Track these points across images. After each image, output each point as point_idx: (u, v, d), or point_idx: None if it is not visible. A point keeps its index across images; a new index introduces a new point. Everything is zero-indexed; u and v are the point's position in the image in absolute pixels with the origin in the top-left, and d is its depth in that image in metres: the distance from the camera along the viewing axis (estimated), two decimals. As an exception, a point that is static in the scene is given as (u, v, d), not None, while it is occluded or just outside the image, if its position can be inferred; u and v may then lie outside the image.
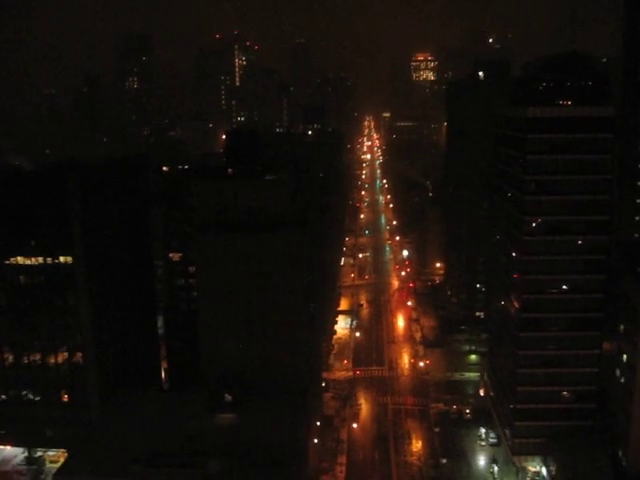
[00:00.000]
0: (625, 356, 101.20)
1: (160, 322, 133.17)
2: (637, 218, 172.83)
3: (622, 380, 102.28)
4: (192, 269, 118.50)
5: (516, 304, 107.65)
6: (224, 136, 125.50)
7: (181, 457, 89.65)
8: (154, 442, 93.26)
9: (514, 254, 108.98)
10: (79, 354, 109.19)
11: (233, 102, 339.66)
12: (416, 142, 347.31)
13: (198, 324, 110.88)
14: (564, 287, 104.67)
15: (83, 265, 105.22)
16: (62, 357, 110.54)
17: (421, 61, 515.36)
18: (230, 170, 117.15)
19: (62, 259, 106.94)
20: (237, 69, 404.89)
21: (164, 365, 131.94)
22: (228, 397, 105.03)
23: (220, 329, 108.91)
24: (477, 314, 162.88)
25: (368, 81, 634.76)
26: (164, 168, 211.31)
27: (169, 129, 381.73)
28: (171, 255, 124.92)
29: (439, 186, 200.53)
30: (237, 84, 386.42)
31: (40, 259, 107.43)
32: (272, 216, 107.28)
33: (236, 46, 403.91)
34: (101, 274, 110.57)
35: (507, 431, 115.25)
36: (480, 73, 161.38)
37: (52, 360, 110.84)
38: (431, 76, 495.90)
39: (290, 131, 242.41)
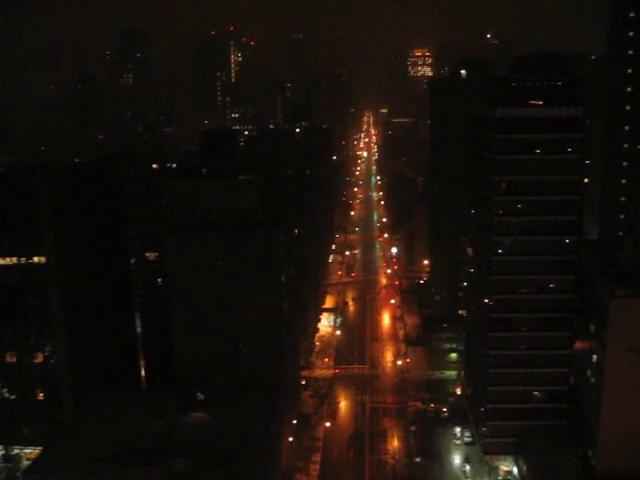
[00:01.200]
0: (595, 356, 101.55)
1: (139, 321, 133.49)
2: (621, 216, 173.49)
3: (592, 380, 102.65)
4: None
5: (487, 304, 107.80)
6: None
7: (149, 455, 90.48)
8: (124, 440, 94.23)
9: (484, 254, 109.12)
10: (53, 353, 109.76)
11: (227, 99, 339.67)
12: (411, 138, 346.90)
13: (171, 323, 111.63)
14: (534, 287, 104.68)
15: (55, 265, 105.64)
16: (37, 356, 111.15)
17: (419, 57, 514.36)
18: (204, 170, 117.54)
19: (36, 259, 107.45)
20: (233, 65, 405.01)
21: (143, 364, 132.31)
22: (200, 396, 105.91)
23: (192, 328, 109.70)
24: (460, 312, 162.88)
25: (367, 77, 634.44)
26: (154, 166, 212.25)
27: (164, 126, 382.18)
28: (147, 254, 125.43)
29: (427, 184, 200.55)
30: (232, 80, 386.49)
31: (14, 259, 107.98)
32: (243, 215, 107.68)
33: (232, 42, 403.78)
34: (76, 274, 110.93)
35: (480, 430, 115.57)
36: (462, 71, 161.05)
37: (27, 359, 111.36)
38: (428, 72, 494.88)
39: (278, 128, 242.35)
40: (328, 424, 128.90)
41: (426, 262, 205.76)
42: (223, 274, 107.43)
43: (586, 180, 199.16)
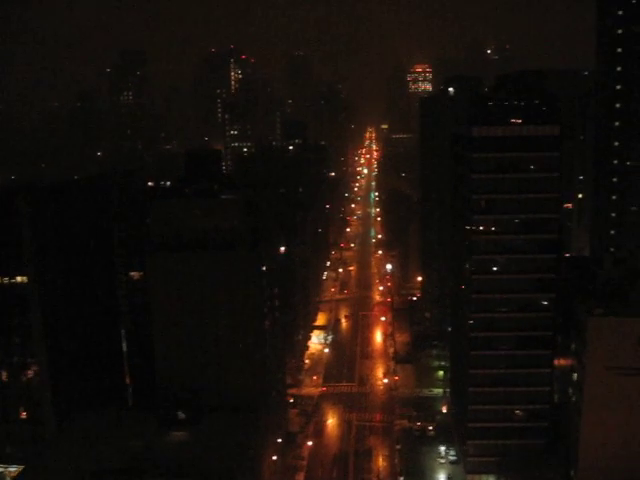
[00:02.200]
0: (575, 375, 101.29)
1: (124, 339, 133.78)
2: (612, 232, 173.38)
3: (573, 399, 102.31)
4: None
5: (467, 323, 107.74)
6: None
7: (126, 475, 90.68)
8: (104, 460, 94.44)
9: (465, 272, 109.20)
10: (35, 372, 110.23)
11: (226, 116, 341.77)
12: (409, 154, 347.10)
13: (154, 342, 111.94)
14: (514, 306, 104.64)
15: (37, 284, 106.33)
16: (19, 375, 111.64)
17: (419, 72, 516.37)
18: (187, 189, 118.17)
19: (19, 279, 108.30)
20: (233, 82, 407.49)
21: (129, 382, 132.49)
22: (181, 415, 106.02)
23: (175, 347, 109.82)
24: (449, 329, 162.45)
25: (369, 93, 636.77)
26: (149, 184, 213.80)
27: (164, 143, 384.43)
28: (132, 273, 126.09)
29: (418, 201, 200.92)
30: (232, 97, 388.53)
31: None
32: (224, 235, 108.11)
33: (231, 59, 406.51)
34: (58, 293, 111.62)
35: (463, 449, 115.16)
36: (450, 89, 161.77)
37: (10, 378, 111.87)
38: (428, 87, 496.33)
39: (272, 146, 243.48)
40: (310, 443, 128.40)
41: (420, 279, 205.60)
42: (204, 293, 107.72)
43: (580, 196, 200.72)
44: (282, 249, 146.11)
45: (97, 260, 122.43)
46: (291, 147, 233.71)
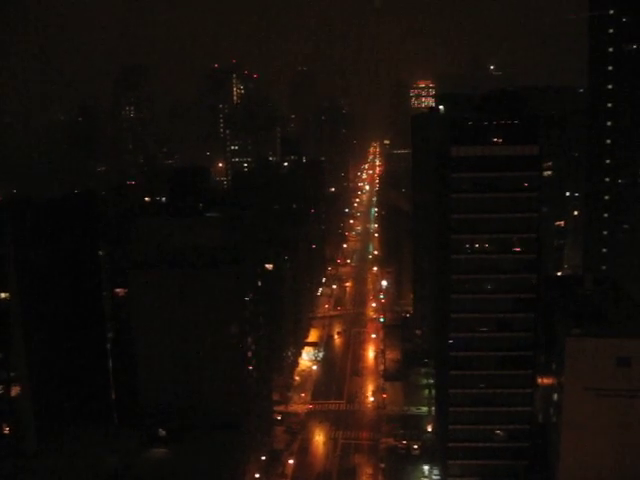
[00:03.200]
0: (555, 395, 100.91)
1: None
2: (604, 250, 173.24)
3: (553, 419, 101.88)
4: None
5: (446, 342, 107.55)
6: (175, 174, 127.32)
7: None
8: (82, 476, 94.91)
9: (444, 292, 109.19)
10: (17, 388, 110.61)
11: (227, 131, 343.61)
12: (410, 170, 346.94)
13: (137, 359, 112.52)
14: (494, 325, 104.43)
15: (19, 300, 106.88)
16: (1, 389, 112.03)
17: (422, 88, 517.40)
18: (172, 207, 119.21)
19: (1, 295, 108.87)
20: (235, 98, 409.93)
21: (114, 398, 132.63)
22: (162, 432, 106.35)
23: (156, 364, 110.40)
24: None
25: (372, 108, 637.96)
26: (146, 199, 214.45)
27: (166, 158, 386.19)
28: (118, 290, 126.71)
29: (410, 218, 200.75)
30: (234, 113, 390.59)
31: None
32: (206, 253, 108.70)
33: (234, 75, 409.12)
34: (42, 308, 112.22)
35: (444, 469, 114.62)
36: (440, 107, 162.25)
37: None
38: (431, 103, 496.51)
39: (268, 163, 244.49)
40: (291, 461, 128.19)
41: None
42: (186, 311, 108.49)
43: (575, 213, 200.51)
44: (270, 266, 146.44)
45: (82, 276, 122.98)
46: (286, 163, 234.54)
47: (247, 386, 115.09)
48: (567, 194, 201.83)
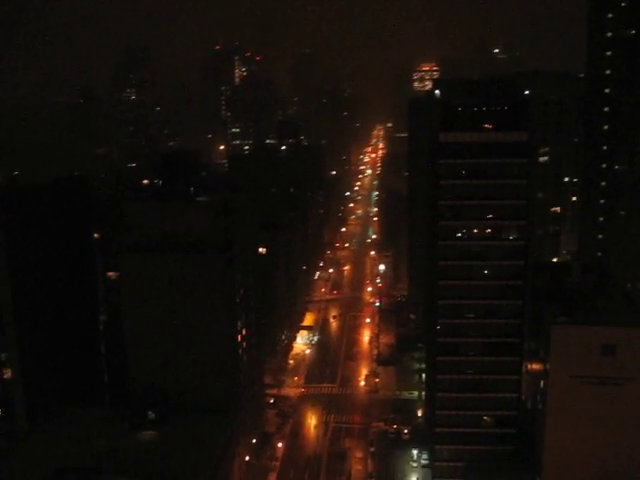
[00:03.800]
0: (542, 382, 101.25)
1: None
2: (600, 237, 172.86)
3: (539, 406, 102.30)
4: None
5: (435, 328, 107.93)
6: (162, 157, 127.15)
7: (89, 474, 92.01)
8: (69, 458, 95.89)
9: (433, 278, 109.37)
10: (8, 370, 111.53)
11: (228, 114, 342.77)
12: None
13: (127, 342, 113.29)
14: (482, 312, 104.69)
15: (9, 284, 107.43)
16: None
17: (426, 71, 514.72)
18: (162, 192, 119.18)
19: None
20: (237, 80, 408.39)
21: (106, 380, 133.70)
22: (151, 415, 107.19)
23: (146, 347, 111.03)
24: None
25: (377, 91, 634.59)
26: (144, 182, 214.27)
27: (168, 140, 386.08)
28: (110, 274, 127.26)
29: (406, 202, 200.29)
30: (236, 95, 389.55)
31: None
32: (195, 237, 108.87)
33: (236, 57, 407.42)
34: (33, 293, 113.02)
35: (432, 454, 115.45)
36: (436, 91, 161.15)
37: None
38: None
39: (267, 145, 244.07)
40: (280, 444, 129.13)
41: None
42: (175, 294, 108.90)
43: (574, 199, 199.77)
44: (263, 250, 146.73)
45: (74, 260, 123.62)
46: (284, 147, 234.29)
47: (237, 370, 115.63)
48: (566, 179, 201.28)
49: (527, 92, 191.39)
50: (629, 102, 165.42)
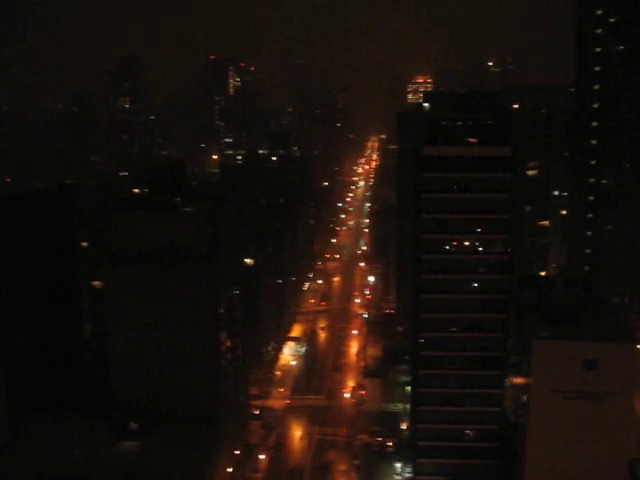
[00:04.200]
0: (524, 396, 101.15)
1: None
2: (587, 251, 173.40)
3: (522, 420, 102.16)
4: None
5: (417, 342, 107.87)
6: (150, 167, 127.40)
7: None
8: (49, 468, 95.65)
9: (415, 291, 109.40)
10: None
11: (221, 123, 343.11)
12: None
13: (110, 352, 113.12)
14: (464, 326, 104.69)
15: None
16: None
17: (420, 83, 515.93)
18: (148, 202, 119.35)
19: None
20: (231, 90, 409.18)
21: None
22: (133, 425, 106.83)
23: (129, 357, 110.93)
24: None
25: (372, 102, 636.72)
26: (135, 190, 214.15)
27: (161, 149, 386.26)
28: (95, 282, 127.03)
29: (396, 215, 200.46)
30: (229, 105, 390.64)
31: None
32: (180, 248, 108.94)
33: (231, 67, 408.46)
34: (15, 301, 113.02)
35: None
36: (425, 104, 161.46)
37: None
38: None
39: (258, 155, 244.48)
40: (265, 456, 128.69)
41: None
42: (159, 305, 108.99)
43: (564, 212, 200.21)
44: (250, 261, 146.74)
45: (58, 269, 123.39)
46: (274, 157, 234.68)
47: (220, 381, 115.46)
48: (556, 193, 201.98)
49: (516, 106, 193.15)
50: (617, 117, 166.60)
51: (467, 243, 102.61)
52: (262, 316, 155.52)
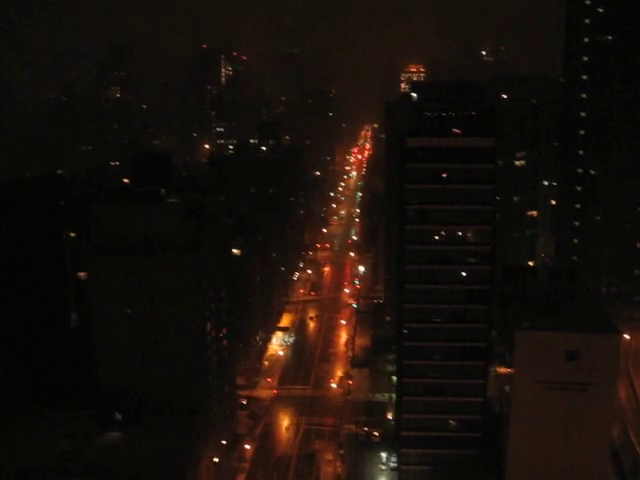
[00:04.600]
0: (507, 386, 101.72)
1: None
2: (575, 241, 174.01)
3: (505, 410, 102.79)
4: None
5: (401, 332, 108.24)
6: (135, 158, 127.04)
7: (53, 474, 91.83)
8: (34, 459, 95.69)
9: (399, 282, 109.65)
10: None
11: (213, 113, 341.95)
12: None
13: (94, 343, 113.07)
14: (447, 316, 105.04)
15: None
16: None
17: (413, 72, 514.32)
18: (132, 193, 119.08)
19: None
20: (223, 79, 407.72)
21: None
22: (118, 415, 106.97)
23: (114, 348, 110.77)
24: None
25: (367, 91, 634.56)
26: (125, 180, 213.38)
27: (152, 138, 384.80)
28: (80, 274, 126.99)
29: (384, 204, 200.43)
30: (222, 94, 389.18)
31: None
32: (163, 239, 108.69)
33: (223, 56, 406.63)
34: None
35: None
36: (413, 94, 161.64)
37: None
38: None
39: (247, 145, 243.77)
40: (255, 445, 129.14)
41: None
42: (143, 296, 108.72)
43: (553, 202, 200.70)
44: (237, 251, 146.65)
45: (44, 259, 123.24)
46: (264, 147, 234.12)
47: (205, 371, 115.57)
48: (546, 183, 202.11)
49: (505, 96, 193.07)
50: (604, 108, 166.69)
51: (451, 234, 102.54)
52: (250, 306, 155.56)
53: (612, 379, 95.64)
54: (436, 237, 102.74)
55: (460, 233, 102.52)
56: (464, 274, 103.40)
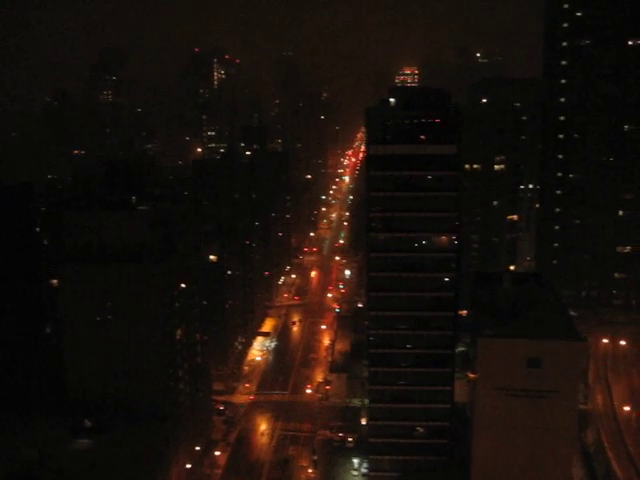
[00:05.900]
0: (473, 393, 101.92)
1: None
2: (555, 245, 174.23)
3: (470, 417, 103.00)
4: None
5: (368, 339, 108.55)
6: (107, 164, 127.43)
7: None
8: (2, 465, 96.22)
9: (365, 289, 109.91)
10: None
11: (204, 116, 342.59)
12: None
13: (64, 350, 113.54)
14: (413, 323, 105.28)
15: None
16: None
17: (408, 75, 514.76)
18: (104, 200, 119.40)
19: None
20: (216, 82, 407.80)
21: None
22: (87, 422, 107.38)
23: (84, 355, 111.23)
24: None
25: (360, 94, 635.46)
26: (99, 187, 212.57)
27: (145, 142, 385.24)
28: (53, 281, 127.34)
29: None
30: (213, 98, 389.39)
31: None
32: (133, 247, 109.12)
33: (215, 59, 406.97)
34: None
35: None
36: (391, 99, 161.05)
37: None
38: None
39: (233, 150, 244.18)
40: (222, 452, 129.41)
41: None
42: (112, 304, 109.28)
43: (537, 205, 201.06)
44: (213, 257, 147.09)
45: (17, 267, 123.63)
46: (248, 152, 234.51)
47: (174, 377, 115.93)
48: (530, 186, 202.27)
49: (485, 100, 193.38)
50: (583, 111, 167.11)
51: (414, 241, 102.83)
52: (227, 312, 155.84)
53: (573, 386, 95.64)
54: (400, 244, 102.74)
55: (424, 241, 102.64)
56: (429, 281, 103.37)
